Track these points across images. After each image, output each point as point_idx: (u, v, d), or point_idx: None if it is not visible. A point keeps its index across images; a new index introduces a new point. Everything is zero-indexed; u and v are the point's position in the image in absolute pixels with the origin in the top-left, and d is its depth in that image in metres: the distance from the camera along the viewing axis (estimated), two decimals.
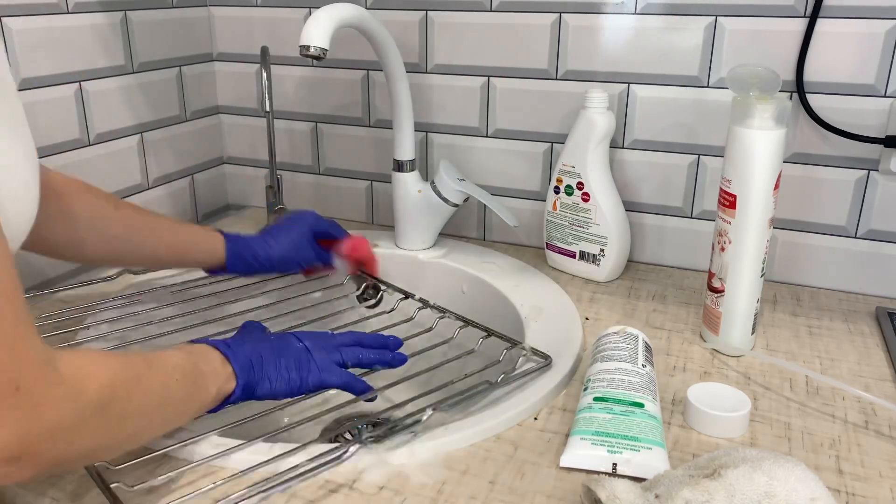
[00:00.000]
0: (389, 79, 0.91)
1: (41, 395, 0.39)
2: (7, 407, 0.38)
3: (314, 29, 0.76)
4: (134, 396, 0.47)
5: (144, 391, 0.48)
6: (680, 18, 0.89)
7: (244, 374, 0.58)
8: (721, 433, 0.62)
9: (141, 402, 0.48)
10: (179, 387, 0.52)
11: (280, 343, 0.63)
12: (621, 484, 0.48)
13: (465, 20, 0.99)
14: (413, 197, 0.97)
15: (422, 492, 0.54)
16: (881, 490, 0.55)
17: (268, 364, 0.60)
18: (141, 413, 0.48)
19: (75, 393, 0.42)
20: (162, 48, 1.06)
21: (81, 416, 0.42)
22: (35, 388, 0.39)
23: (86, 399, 0.42)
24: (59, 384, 0.41)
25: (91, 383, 0.43)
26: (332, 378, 0.63)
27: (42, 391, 0.39)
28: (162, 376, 0.51)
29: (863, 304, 0.87)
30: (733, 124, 0.71)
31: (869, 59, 0.83)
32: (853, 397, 0.67)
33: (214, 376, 0.56)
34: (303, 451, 0.57)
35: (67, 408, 0.41)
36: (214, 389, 0.55)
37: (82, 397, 0.42)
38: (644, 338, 0.70)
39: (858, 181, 0.88)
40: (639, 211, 0.98)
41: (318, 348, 0.64)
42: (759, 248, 0.72)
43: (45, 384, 0.40)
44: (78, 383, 0.42)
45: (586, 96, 0.89)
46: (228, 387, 0.57)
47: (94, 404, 0.43)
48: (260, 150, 1.19)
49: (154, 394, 0.49)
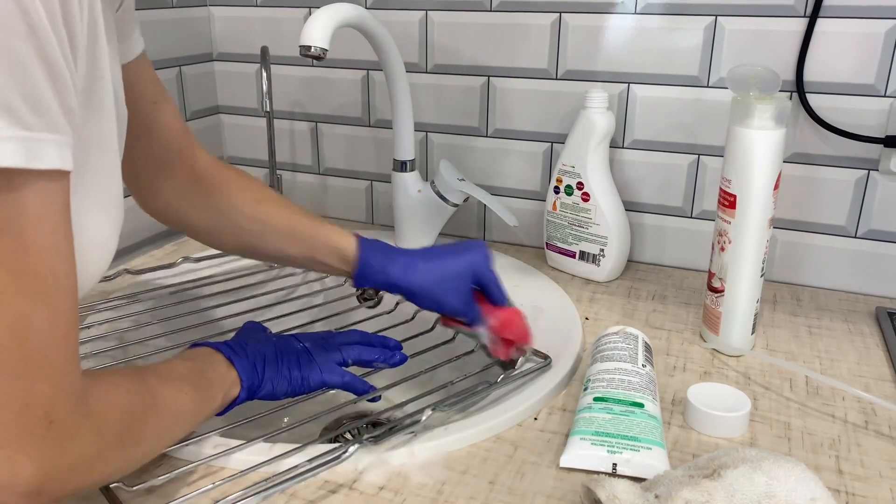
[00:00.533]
0: (389, 79, 0.91)
1: (71, 429, 0.39)
2: (38, 440, 0.38)
3: (314, 29, 0.76)
4: (149, 419, 0.47)
5: (159, 412, 0.48)
6: (680, 18, 0.89)
7: (248, 378, 0.58)
8: (721, 433, 0.62)
9: (156, 424, 0.48)
10: (189, 400, 0.52)
11: (281, 344, 0.63)
12: (621, 484, 0.48)
13: (465, 20, 0.99)
14: (413, 197, 0.97)
15: (422, 492, 0.54)
16: (881, 490, 0.55)
17: (270, 365, 0.60)
18: (156, 434, 0.48)
19: (99, 424, 0.42)
20: (162, 48, 1.06)
21: (104, 446, 0.42)
22: (67, 422, 0.39)
23: (108, 429, 0.43)
24: (87, 416, 0.41)
25: (113, 413, 0.43)
26: (333, 377, 0.63)
27: (72, 426, 0.39)
28: (173, 392, 0.51)
29: (863, 304, 0.87)
30: (733, 124, 0.71)
31: (869, 59, 0.83)
32: (853, 397, 0.67)
33: (220, 382, 0.56)
34: (303, 451, 0.57)
35: (92, 439, 0.41)
36: (221, 396, 0.56)
37: (105, 428, 0.42)
38: (644, 338, 0.70)
39: (858, 181, 0.88)
40: (639, 211, 0.98)
41: (319, 349, 0.64)
42: (759, 248, 0.72)
43: (75, 417, 0.40)
44: (101, 414, 0.42)
45: (586, 96, 0.89)
46: (233, 392, 0.58)
47: (114, 434, 0.43)
48: (260, 150, 1.19)
49: (167, 412, 0.50)
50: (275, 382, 0.60)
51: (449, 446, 0.59)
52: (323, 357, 0.64)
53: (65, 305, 0.39)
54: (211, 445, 0.57)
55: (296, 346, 0.64)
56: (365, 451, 0.57)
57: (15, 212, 0.36)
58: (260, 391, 0.59)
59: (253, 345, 0.61)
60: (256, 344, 0.62)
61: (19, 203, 0.36)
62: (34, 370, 0.37)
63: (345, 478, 0.55)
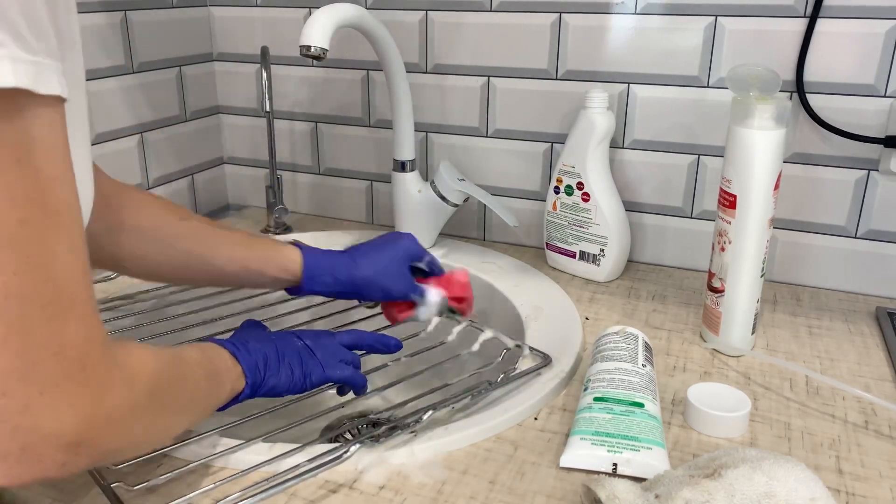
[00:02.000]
0: (389, 79, 0.91)
1: (104, 376, 0.38)
2: (76, 386, 0.36)
3: (314, 29, 0.76)
4: (174, 387, 0.46)
5: (182, 383, 0.48)
6: (680, 18, 0.89)
7: (252, 374, 0.58)
8: (721, 433, 0.62)
9: (179, 394, 0.47)
10: (203, 382, 0.52)
11: (282, 341, 0.63)
12: (621, 484, 0.48)
13: (465, 20, 0.99)
14: (413, 197, 0.97)
15: (422, 492, 0.54)
16: (881, 490, 0.55)
17: (272, 362, 0.60)
18: (179, 404, 0.48)
19: (131, 378, 0.41)
20: (162, 48, 1.06)
21: (136, 402, 0.41)
22: (99, 368, 0.38)
23: (140, 385, 0.42)
24: (117, 367, 0.40)
25: (142, 368, 0.42)
26: (335, 373, 0.63)
27: (105, 373, 0.38)
28: (192, 371, 0.50)
29: (863, 304, 0.87)
30: (733, 124, 0.71)
31: (869, 59, 0.83)
32: (853, 397, 0.67)
33: (227, 374, 0.56)
34: (303, 451, 0.57)
35: (125, 392, 0.40)
36: (229, 387, 0.56)
37: (137, 383, 0.41)
38: (644, 338, 0.70)
39: (858, 181, 0.88)
40: (639, 211, 0.98)
41: (320, 346, 0.64)
42: (759, 248, 0.72)
43: (107, 366, 0.39)
44: (132, 368, 0.41)
45: (586, 96, 0.89)
46: (239, 385, 0.57)
47: (146, 391, 0.42)
48: (260, 150, 1.19)
49: (188, 386, 0.49)
50: (277, 379, 0.60)
51: (449, 446, 0.59)
52: (324, 353, 0.64)
53: (81, 240, 0.38)
54: (211, 445, 0.57)
55: (296, 343, 0.63)
56: (365, 450, 0.57)
57: (27, 139, 0.34)
58: (263, 388, 0.59)
59: (255, 342, 0.61)
60: (258, 341, 0.61)
61: (30, 130, 0.35)
62: (65, 309, 0.36)
63: (345, 477, 0.55)
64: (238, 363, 0.57)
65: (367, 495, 0.53)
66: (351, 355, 0.66)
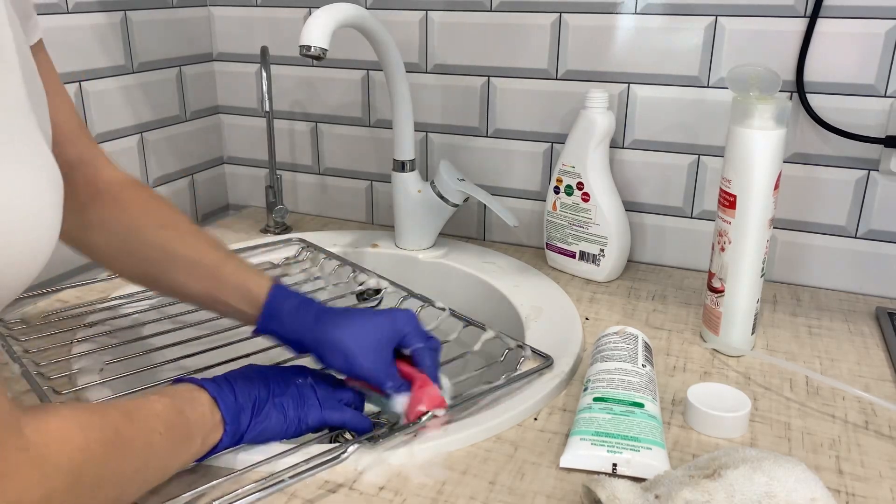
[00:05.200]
0: (389, 79, 0.91)
1: (7, 464, 0.36)
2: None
3: (314, 29, 0.76)
4: (113, 459, 0.43)
5: (124, 452, 0.44)
6: (680, 18, 0.89)
7: (233, 421, 0.54)
8: (721, 433, 0.62)
9: (119, 465, 0.44)
10: (163, 441, 0.47)
11: (277, 380, 0.59)
12: (621, 484, 0.48)
13: (464, 20, 0.99)
14: (413, 197, 0.97)
15: (422, 492, 0.54)
16: (881, 490, 0.55)
17: (261, 405, 0.56)
18: (120, 476, 0.44)
19: (41, 459, 0.38)
20: (162, 48, 1.06)
21: (52, 487, 0.38)
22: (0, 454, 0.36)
23: (53, 466, 0.38)
24: (24, 450, 0.37)
25: (62, 448, 0.39)
26: (333, 415, 0.59)
27: (6, 458, 0.36)
28: (144, 432, 0.46)
29: (863, 304, 0.87)
30: (733, 124, 0.71)
31: (869, 59, 0.83)
32: (853, 397, 0.67)
33: (200, 424, 0.51)
34: (302, 450, 0.56)
35: (35, 479, 0.37)
36: (200, 440, 0.51)
37: (49, 464, 0.38)
38: (644, 338, 0.70)
39: (858, 181, 0.87)
40: (639, 211, 0.98)
41: (327, 383, 0.61)
42: (759, 248, 0.72)
43: (11, 450, 0.36)
44: (46, 448, 0.38)
45: (586, 96, 0.89)
46: (214, 437, 0.53)
47: (63, 471, 0.39)
48: (260, 150, 1.19)
49: (134, 454, 0.45)
50: (266, 424, 0.55)
51: (449, 446, 0.59)
52: (327, 392, 0.59)
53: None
54: None
55: (295, 380, 0.59)
56: (365, 451, 0.57)
57: None
58: (249, 433, 0.55)
59: (243, 383, 0.56)
60: (247, 382, 0.56)
61: None
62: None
63: (344, 478, 0.55)
64: (217, 408, 0.53)
65: (366, 495, 0.53)
66: (352, 395, 0.61)
